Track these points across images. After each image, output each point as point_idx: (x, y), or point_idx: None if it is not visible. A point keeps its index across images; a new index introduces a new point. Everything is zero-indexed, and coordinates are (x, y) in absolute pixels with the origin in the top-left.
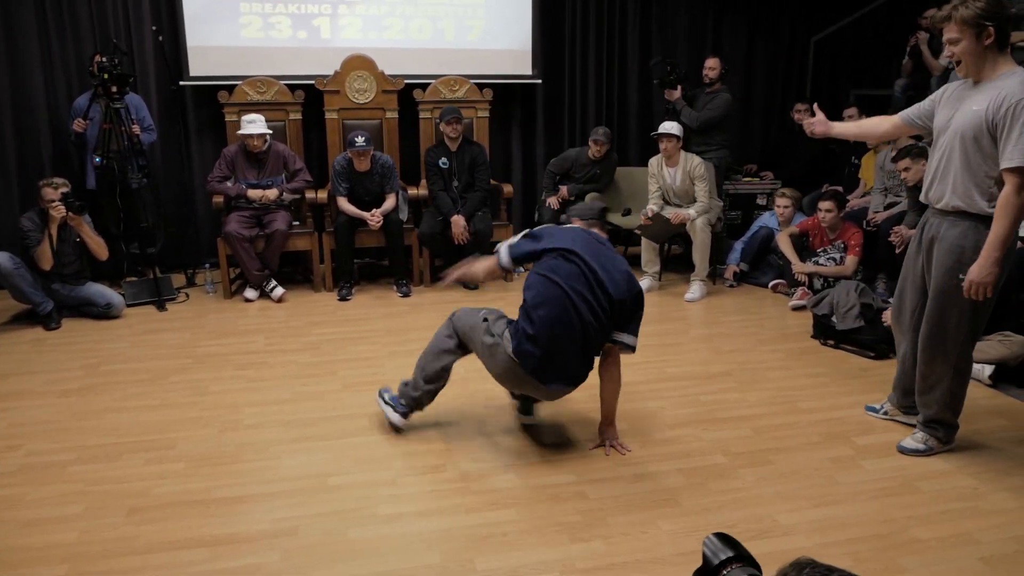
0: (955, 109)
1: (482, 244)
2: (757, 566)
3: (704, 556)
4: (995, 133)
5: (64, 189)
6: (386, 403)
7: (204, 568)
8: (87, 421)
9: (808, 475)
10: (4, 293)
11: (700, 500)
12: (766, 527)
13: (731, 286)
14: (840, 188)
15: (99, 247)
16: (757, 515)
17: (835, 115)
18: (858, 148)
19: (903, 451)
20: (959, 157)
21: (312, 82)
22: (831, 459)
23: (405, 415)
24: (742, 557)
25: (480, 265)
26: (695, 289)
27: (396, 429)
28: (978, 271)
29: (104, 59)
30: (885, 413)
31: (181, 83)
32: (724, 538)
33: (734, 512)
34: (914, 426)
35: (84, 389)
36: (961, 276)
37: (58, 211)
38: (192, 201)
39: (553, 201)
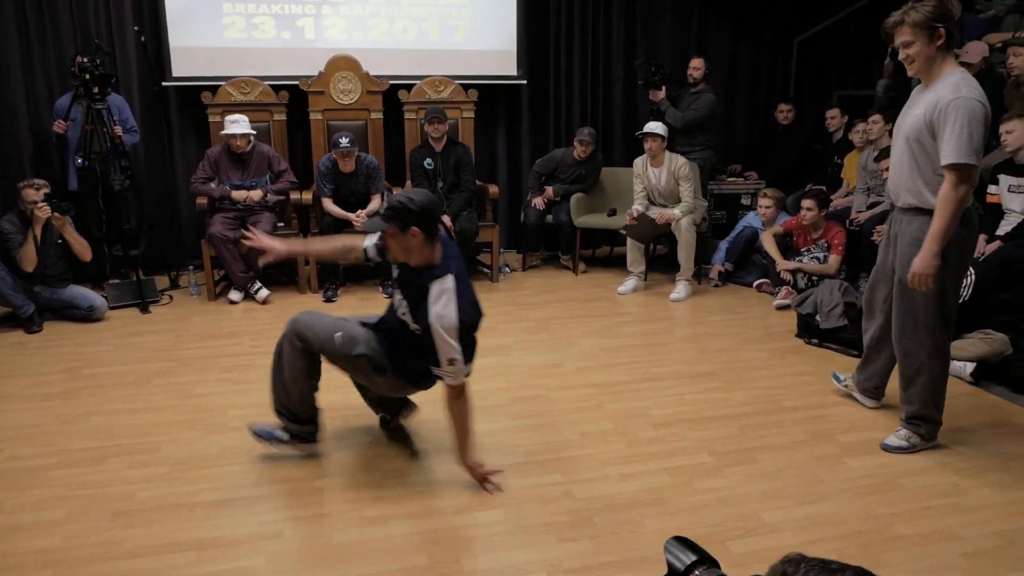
0: (907, 113)
1: (468, 243)
2: (717, 565)
3: (668, 563)
4: (934, 133)
5: (45, 190)
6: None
7: (189, 572)
8: (70, 425)
9: (793, 473)
10: None
11: (686, 499)
12: (751, 525)
13: (716, 286)
14: (823, 188)
15: (83, 248)
16: (743, 513)
17: (818, 115)
18: (841, 148)
19: (886, 449)
20: (907, 159)
21: (296, 83)
22: (816, 457)
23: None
24: (705, 559)
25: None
26: (680, 289)
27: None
28: (919, 263)
29: (86, 59)
30: (845, 386)
31: (164, 84)
32: (683, 541)
33: (720, 511)
34: (868, 407)
35: (66, 392)
36: None
37: (43, 211)
38: (175, 202)
39: (539, 202)
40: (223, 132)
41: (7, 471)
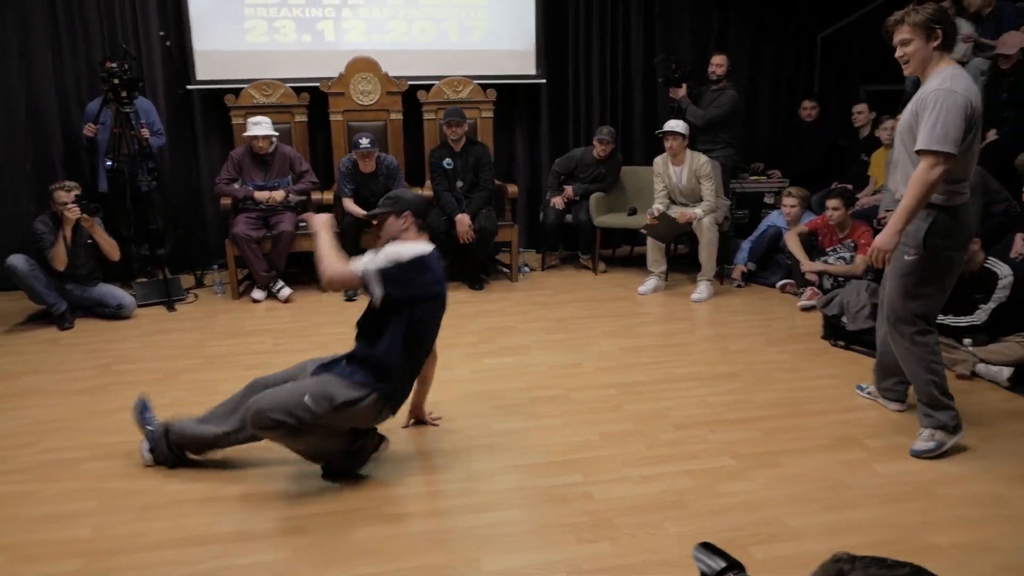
0: (905, 111)
1: (487, 242)
2: (745, 570)
3: (700, 570)
4: (919, 124)
5: (76, 192)
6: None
7: (213, 565)
8: (99, 419)
9: (818, 478)
10: (20, 294)
11: (708, 502)
12: (775, 531)
13: (739, 286)
14: (849, 186)
15: (111, 248)
16: (766, 518)
17: (843, 112)
18: (868, 145)
19: (916, 454)
20: (902, 152)
21: (317, 84)
22: (842, 462)
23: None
24: (734, 564)
25: (330, 259)
26: (702, 289)
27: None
28: (880, 238)
29: (114, 64)
30: (869, 394)
31: (188, 87)
32: (710, 547)
33: (742, 515)
34: (893, 410)
35: (96, 388)
36: (907, 257)
37: (72, 212)
38: (200, 203)
39: (558, 201)
40: (246, 134)
41: (41, 463)
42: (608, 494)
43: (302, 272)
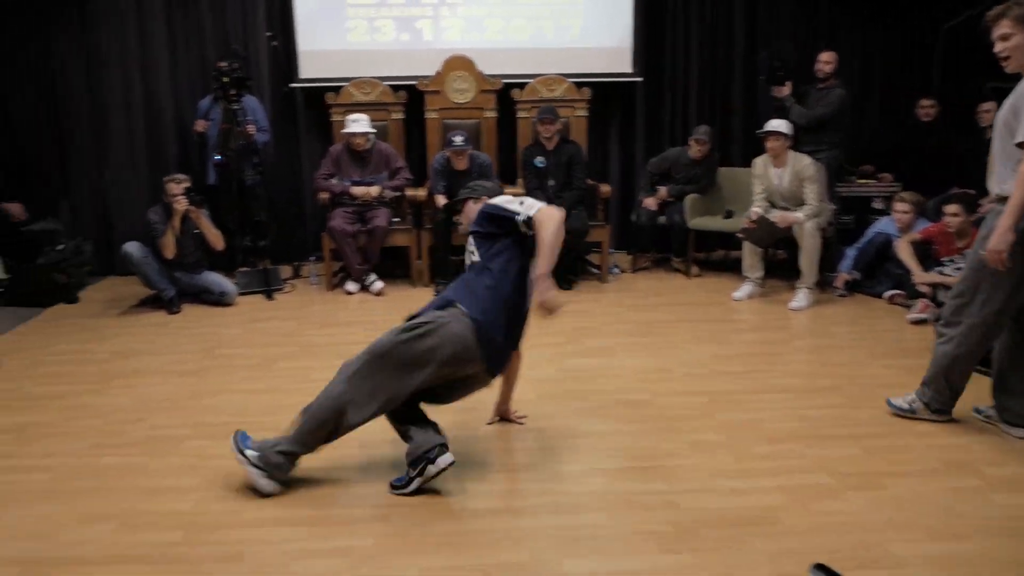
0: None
1: (578, 241)
2: None
3: None
4: (1018, 118)
5: (186, 185)
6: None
7: (302, 546)
8: (202, 400)
9: (926, 504)
10: (134, 279)
11: (801, 520)
12: (876, 556)
13: (841, 295)
14: (972, 192)
15: (216, 238)
16: (865, 542)
17: (967, 111)
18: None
19: (890, 405)
20: (998, 146)
21: (414, 83)
22: (953, 489)
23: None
24: None
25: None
26: (801, 297)
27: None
28: (994, 239)
29: (225, 64)
30: (987, 417)
31: (292, 85)
32: (825, 569)
33: (840, 536)
34: (1016, 436)
35: (200, 370)
36: (980, 251)
37: (180, 204)
38: (300, 197)
39: (651, 202)
40: (344, 131)
41: (149, 438)
42: (694, 504)
43: (394, 266)
